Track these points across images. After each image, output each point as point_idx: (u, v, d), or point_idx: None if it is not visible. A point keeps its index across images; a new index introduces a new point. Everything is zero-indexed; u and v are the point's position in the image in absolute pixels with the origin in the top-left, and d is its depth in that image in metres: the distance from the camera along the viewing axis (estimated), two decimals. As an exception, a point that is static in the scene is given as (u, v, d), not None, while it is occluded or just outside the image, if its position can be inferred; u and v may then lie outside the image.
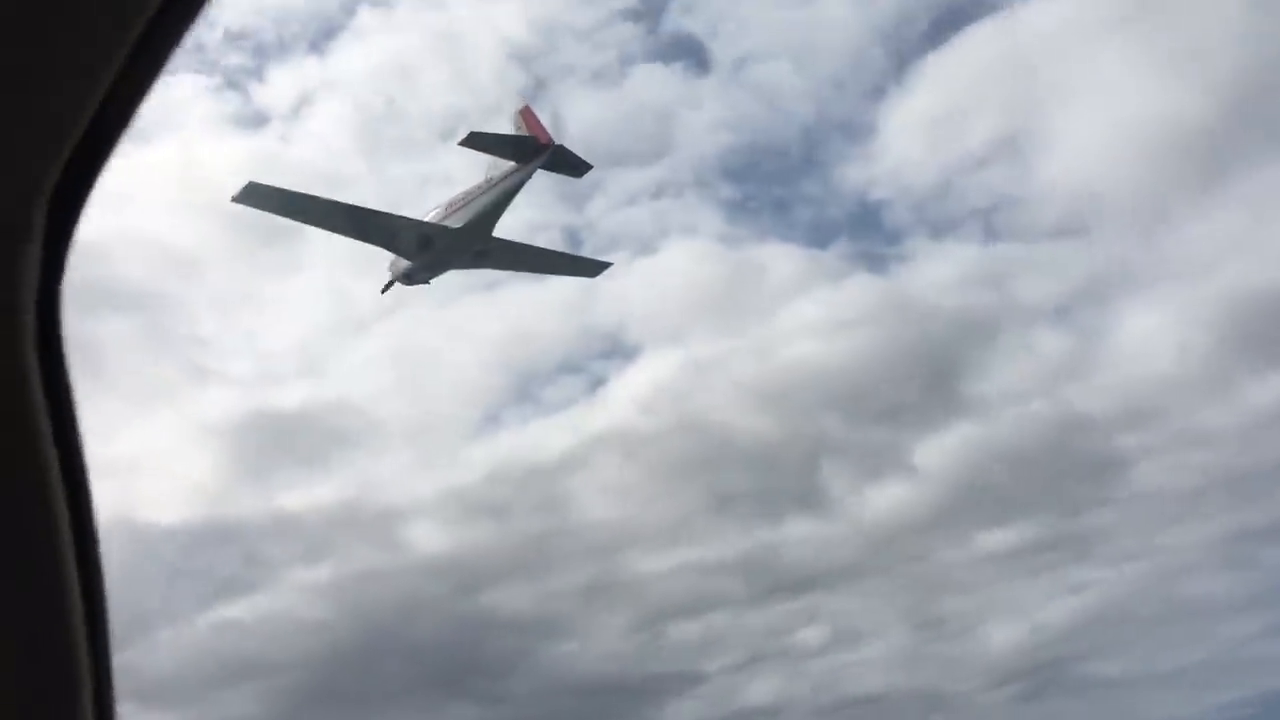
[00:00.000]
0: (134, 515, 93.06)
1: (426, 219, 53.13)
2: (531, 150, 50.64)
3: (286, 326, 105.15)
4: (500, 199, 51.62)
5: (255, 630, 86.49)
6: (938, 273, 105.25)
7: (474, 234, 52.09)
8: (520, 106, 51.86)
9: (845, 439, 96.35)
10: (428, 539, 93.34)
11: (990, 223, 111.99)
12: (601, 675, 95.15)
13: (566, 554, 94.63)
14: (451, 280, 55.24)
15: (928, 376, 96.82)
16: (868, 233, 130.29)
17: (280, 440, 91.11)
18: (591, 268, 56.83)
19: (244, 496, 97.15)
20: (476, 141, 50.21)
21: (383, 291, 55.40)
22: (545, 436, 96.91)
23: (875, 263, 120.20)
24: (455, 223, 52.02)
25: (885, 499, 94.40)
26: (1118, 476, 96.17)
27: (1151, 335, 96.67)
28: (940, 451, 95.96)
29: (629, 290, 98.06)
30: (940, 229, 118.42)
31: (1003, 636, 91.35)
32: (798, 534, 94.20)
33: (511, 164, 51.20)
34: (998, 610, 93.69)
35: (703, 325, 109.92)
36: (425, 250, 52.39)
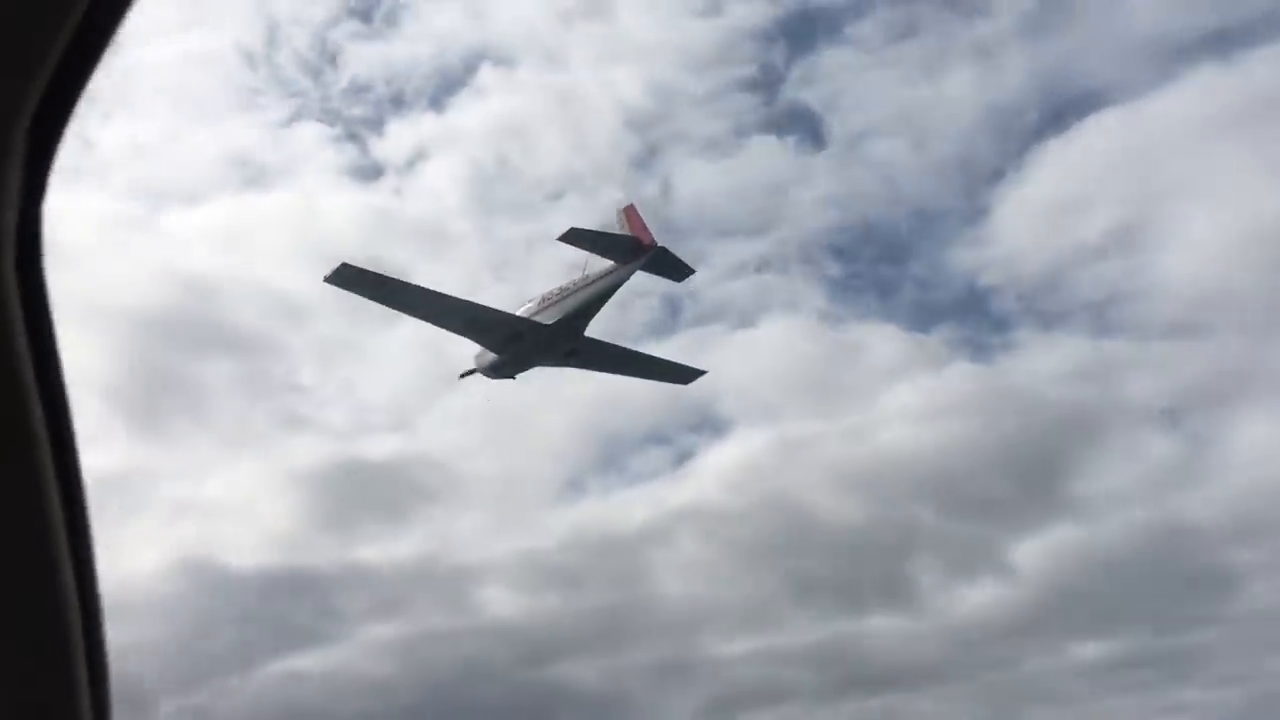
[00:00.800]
0: (214, 558, 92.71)
1: (518, 313, 51.26)
2: (632, 250, 48.55)
3: (382, 377, 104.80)
4: (595, 298, 49.54)
5: (322, 683, 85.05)
6: (1044, 365, 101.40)
7: (566, 332, 50.03)
8: (624, 205, 49.90)
9: (936, 532, 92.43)
10: (500, 603, 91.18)
11: (1102, 317, 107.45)
12: None
13: (638, 630, 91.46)
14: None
15: (1027, 473, 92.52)
16: (973, 319, 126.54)
17: (364, 492, 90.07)
18: (683, 374, 54.40)
19: (323, 546, 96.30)
20: (576, 238, 48.20)
21: (461, 377, 53.61)
22: (627, 507, 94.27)
23: (979, 351, 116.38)
24: (547, 319, 50.03)
25: (975, 598, 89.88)
26: (1225, 593, 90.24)
27: (1267, 446, 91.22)
28: (1035, 552, 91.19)
29: (725, 363, 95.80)
30: (1049, 320, 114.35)
31: None
32: (880, 628, 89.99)
33: (610, 263, 49.20)
34: None
35: (797, 404, 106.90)
36: (514, 345, 50.46)
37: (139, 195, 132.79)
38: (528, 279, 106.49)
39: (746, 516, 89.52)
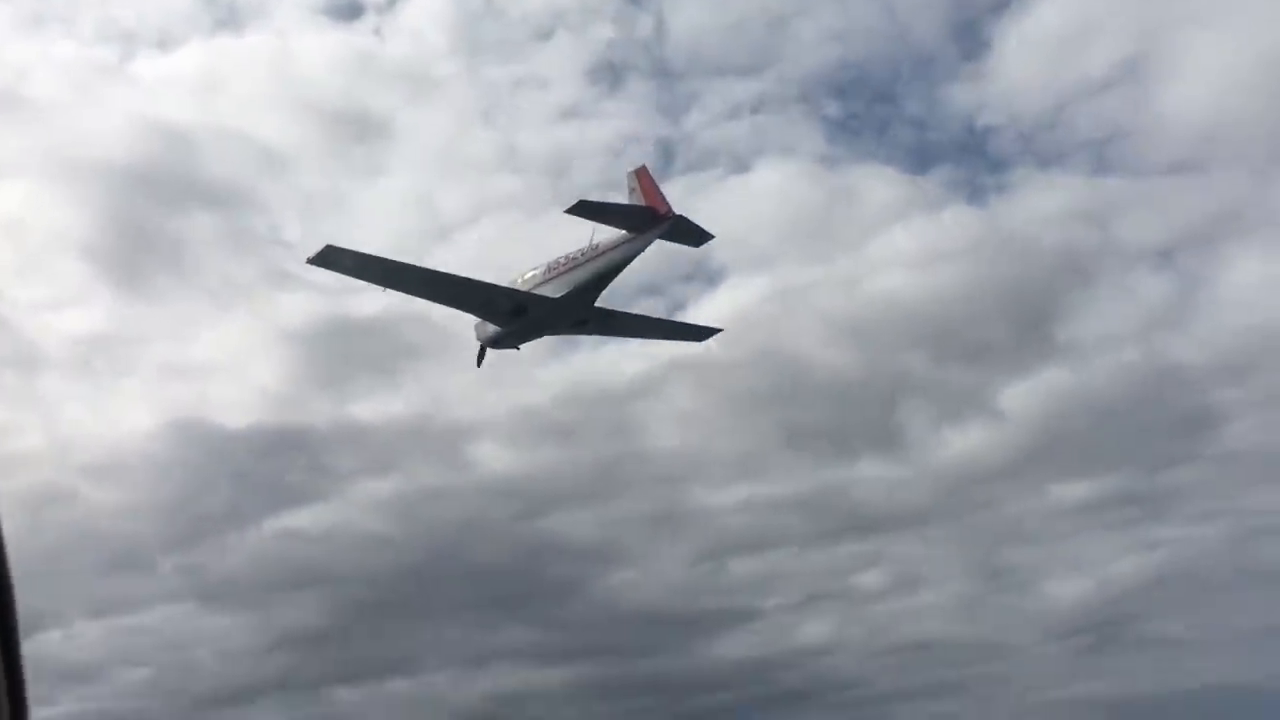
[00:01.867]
0: (206, 416, 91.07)
1: (524, 278, 47.09)
2: (648, 221, 43.98)
3: (369, 230, 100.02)
4: (608, 270, 45.34)
5: (319, 540, 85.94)
6: (1040, 206, 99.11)
7: (574, 305, 46.07)
8: (636, 168, 44.80)
9: (928, 378, 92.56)
10: (494, 458, 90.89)
11: (1102, 155, 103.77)
12: (658, 606, 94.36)
13: (631, 482, 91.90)
14: (538, 188, 48.07)
15: (1019, 317, 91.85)
16: (971, 160, 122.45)
17: (355, 349, 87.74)
18: (698, 333, 50.90)
19: (315, 404, 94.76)
20: (586, 210, 43.46)
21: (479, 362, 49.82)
22: (619, 360, 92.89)
23: (976, 192, 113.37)
24: (554, 292, 45.89)
25: (963, 443, 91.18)
26: (1207, 433, 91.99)
27: (1259, 285, 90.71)
28: (1024, 396, 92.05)
29: (719, 209, 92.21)
30: (1048, 159, 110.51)
31: (1068, 591, 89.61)
32: (869, 475, 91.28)
33: (623, 232, 44.63)
34: (1066, 564, 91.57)
35: (792, 251, 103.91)
36: (518, 318, 46.55)
37: (109, 40, 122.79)
38: (517, 126, 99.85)
39: (739, 367, 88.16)
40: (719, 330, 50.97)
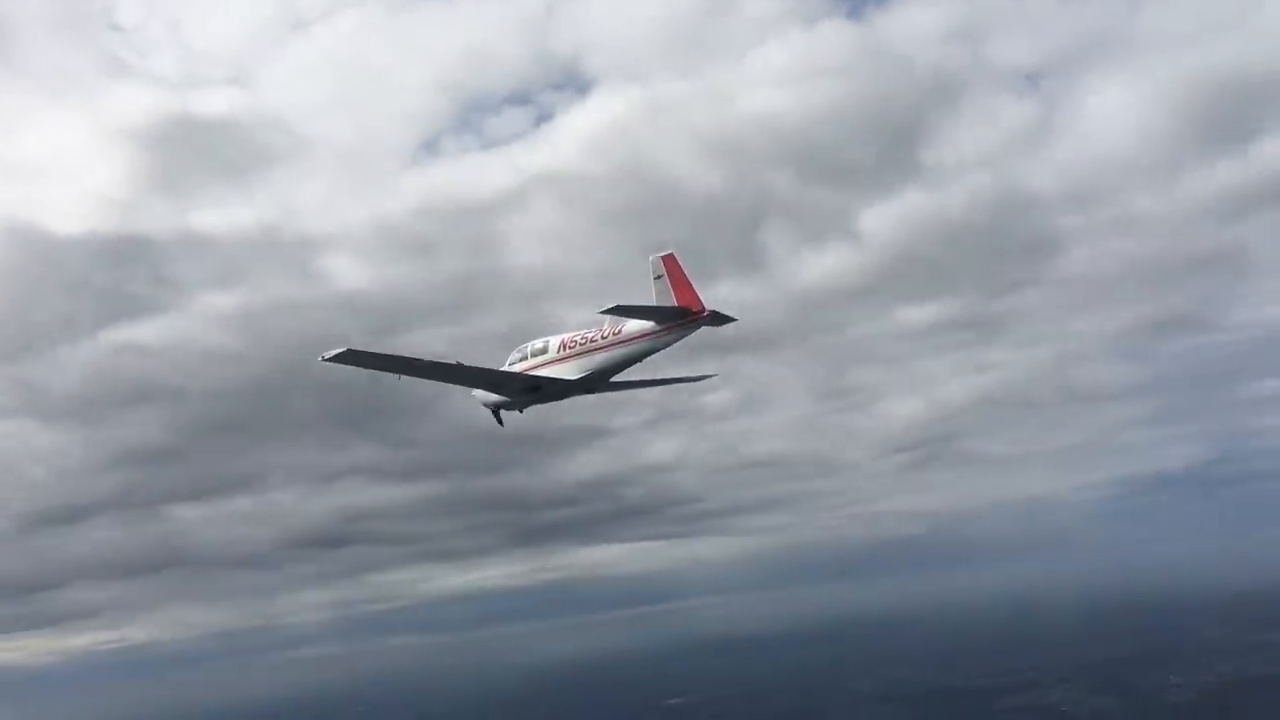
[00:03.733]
0: (36, 221, 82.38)
1: (531, 349, 45.15)
2: (681, 318, 42.62)
3: (215, 20, 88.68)
4: (631, 358, 43.82)
5: (159, 354, 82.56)
6: (918, 23, 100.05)
7: (591, 383, 44.94)
8: (663, 254, 42.62)
9: (792, 198, 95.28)
10: (347, 272, 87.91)
11: None
12: (509, 424, 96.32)
13: (490, 298, 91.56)
14: None
15: (886, 138, 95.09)
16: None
17: (200, 152, 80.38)
18: (695, 380, 50.65)
19: (155, 210, 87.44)
20: (622, 313, 41.67)
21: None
22: (483, 172, 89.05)
23: (856, 6, 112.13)
24: (571, 373, 44.31)
25: (820, 265, 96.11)
26: (1047, 259, 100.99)
27: (1116, 113, 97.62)
28: (883, 219, 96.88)
29: (593, 14, 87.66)
30: None
31: (901, 410, 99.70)
32: (727, 295, 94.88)
33: (650, 324, 43.20)
34: (902, 385, 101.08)
35: (665, 62, 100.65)
36: (530, 394, 45.28)
37: None
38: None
39: (603, 183, 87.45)
40: (714, 375, 50.66)
